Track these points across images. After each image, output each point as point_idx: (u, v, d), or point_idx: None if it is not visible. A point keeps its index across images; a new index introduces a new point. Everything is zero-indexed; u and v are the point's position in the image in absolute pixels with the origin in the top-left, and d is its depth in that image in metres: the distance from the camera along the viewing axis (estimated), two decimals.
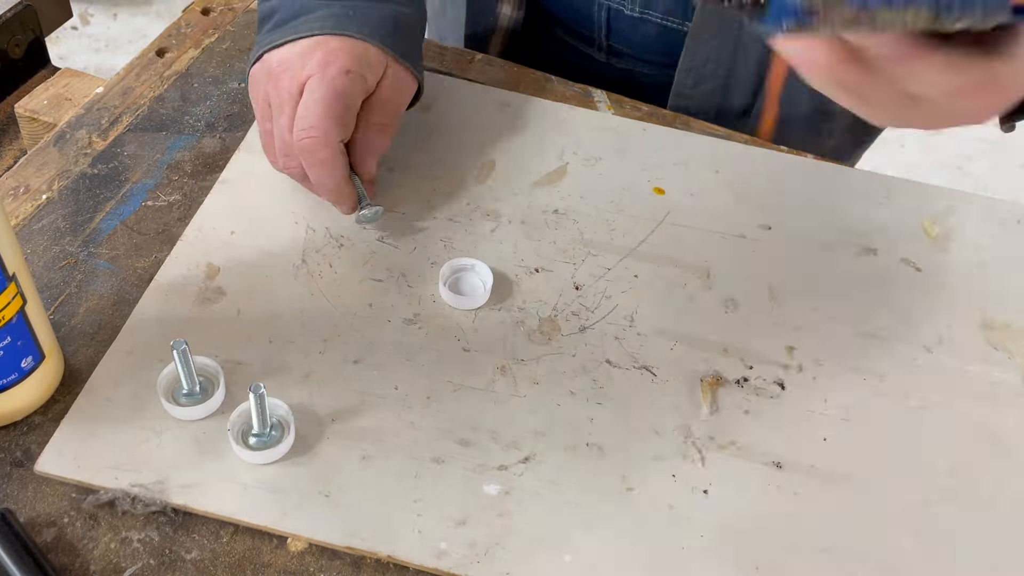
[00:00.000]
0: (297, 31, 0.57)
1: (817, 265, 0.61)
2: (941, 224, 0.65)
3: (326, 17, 0.57)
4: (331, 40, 0.56)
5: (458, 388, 0.52)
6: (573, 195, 0.64)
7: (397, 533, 0.46)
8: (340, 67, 0.55)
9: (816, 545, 0.48)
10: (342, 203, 0.57)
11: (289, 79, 0.55)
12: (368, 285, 0.57)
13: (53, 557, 0.45)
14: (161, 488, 0.47)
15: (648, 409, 0.53)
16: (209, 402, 0.49)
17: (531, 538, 0.47)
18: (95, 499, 0.46)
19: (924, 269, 0.62)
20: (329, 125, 0.54)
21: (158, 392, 0.49)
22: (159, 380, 0.50)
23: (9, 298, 0.45)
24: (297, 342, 0.53)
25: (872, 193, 0.66)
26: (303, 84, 0.55)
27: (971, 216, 0.66)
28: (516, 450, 0.50)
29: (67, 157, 0.62)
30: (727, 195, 0.65)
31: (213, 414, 0.50)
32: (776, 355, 0.56)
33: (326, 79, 0.54)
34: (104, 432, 0.48)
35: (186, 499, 0.46)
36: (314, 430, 0.50)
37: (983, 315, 0.60)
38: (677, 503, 0.49)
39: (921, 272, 0.62)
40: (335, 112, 0.54)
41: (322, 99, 0.54)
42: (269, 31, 0.59)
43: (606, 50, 0.78)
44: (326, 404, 0.51)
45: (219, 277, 0.56)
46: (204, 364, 0.50)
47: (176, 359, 0.48)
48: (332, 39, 0.56)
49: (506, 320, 0.56)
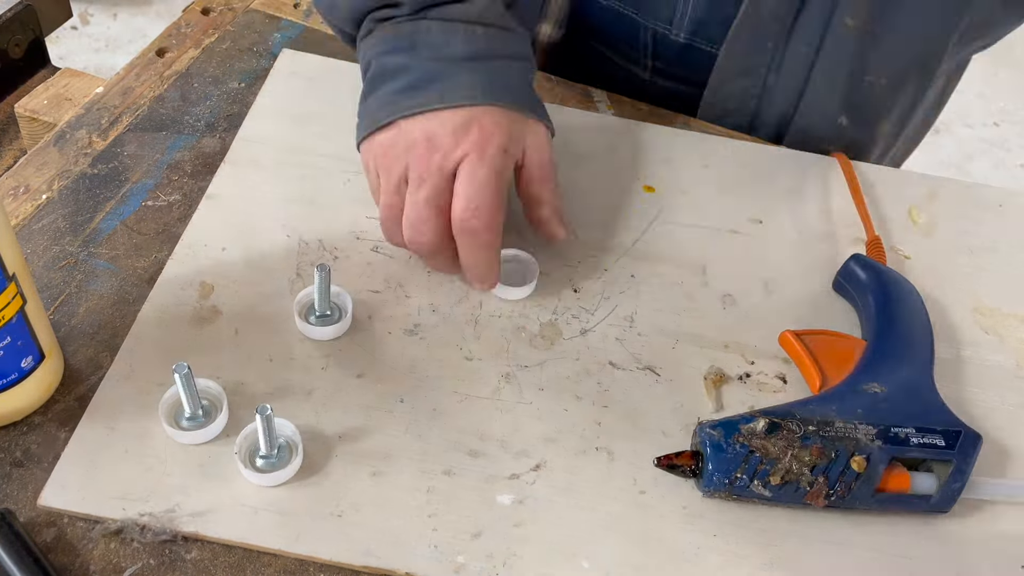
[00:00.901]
0: (443, 100, 0.53)
1: (810, 257, 0.62)
2: (926, 210, 0.66)
3: (474, 85, 0.53)
4: (484, 116, 0.53)
5: (464, 398, 0.52)
6: (565, 196, 0.63)
7: (413, 549, 0.46)
8: (498, 146, 0.53)
9: (830, 539, 0.49)
10: (486, 281, 0.55)
11: (441, 156, 0.52)
12: (366, 296, 0.56)
13: (53, 557, 0.44)
14: (170, 517, 0.46)
15: (654, 410, 0.53)
16: (212, 425, 0.49)
17: (548, 546, 0.47)
18: (103, 528, 0.45)
19: (913, 256, 0.63)
20: (496, 208, 0.52)
21: (160, 417, 0.48)
22: (160, 405, 0.49)
23: (9, 298, 0.44)
24: (298, 359, 0.53)
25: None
26: (457, 163, 0.52)
27: (953, 201, 0.67)
28: (526, 458, 0.50)
29: (67, 157, 0.61)
30: (716, 190, 0.65)
31: (217, 437, 0.49)
32: (776, 349, 0.56)
33: (486, 160, 0.52)
34: (107, 461, 0.47)
35: (196, 527, 0.46)
36: (321, 449, 0.49)
37: (973, 300, 0.61)
38: (690, 503, 0.49)
39: (910, 260, 0.63)
40: (501, 194, 0.53)
41: (488, 182, 0.52)
42: (401, 92, 0.54)
43: (651, 69, 0.77)
44: (332, 421, 0.50)
45: (213, 296, 0.55)
46: (206, 386, 0.50)
47: (178, 383, 0.47)
48: (484, 115, 0.53)
49: (507, 327, 0.56)
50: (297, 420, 0.49)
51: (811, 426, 0.48)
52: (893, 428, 0.48)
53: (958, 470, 0.48)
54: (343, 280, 0.56)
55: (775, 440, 0.47)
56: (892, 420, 0.49)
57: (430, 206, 0.52)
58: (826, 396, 0.51)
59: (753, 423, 0.48)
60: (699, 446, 0.48)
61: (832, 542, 0.49)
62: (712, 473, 0.47)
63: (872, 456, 0.47)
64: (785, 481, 0.47)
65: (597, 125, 0.68)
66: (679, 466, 0.48)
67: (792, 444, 0.47)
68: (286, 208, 0.60)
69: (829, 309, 0.59)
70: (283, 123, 0.65)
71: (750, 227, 0.63)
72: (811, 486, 0.47)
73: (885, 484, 0.48)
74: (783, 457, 0.47)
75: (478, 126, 0.52)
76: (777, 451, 0.47)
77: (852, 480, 0.47)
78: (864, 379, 0.51)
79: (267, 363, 0.52)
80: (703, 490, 0.49)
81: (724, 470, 0.47)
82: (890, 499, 0.48)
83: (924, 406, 0.50)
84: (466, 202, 0.52)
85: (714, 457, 0.47)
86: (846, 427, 0.48)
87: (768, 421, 0.48)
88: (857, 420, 0.49)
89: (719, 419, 0.49)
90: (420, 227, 0.53)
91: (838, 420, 0.48)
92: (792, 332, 0.55)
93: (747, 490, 0.48)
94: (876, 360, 0.53)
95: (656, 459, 0.48)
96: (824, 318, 0.58)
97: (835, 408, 0.49)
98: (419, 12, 0.55)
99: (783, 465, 0.47)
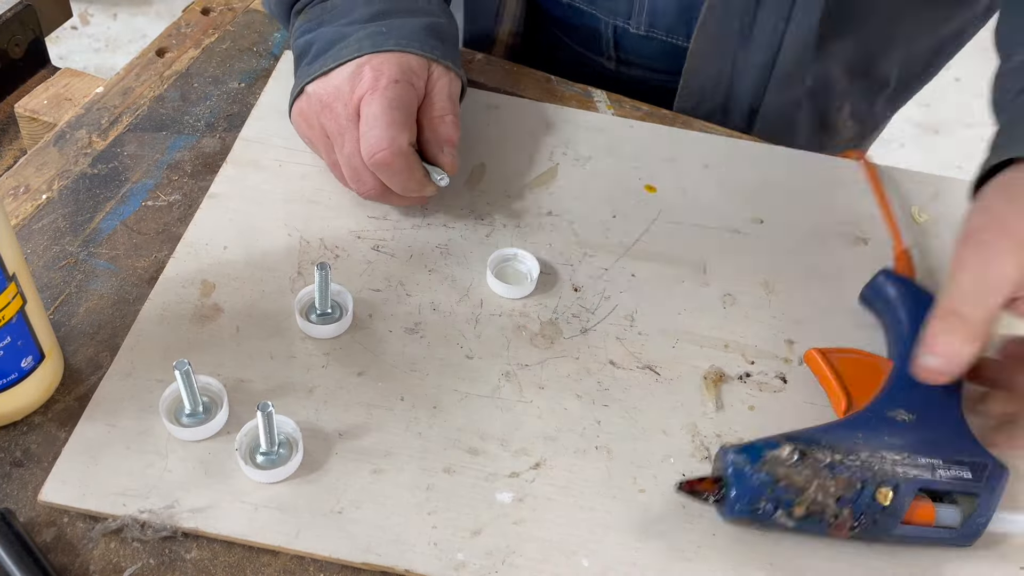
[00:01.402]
0: (338, 57, 0.57)
1: (810, 257, 0.62)
2: (928, 210, 0.66)
3: (362, 39, 0.58)
4: (372, 59, 0.57)
5: (464, 396, 0.52)
6: (566, 196, 0.63)
7: (413, 547, 0.46)
8: (388, 79, 0.56)
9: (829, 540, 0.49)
10: (423, 193, 0.58)
11: (343, 105, 0.56)
12: (366, 295, 0.56)
13: (53, 557, 0.45)
14: (170, 513, 0.46)
15: (654, 409, 0.53)
16: (213, 422, 0.49)
17: (547, 545, 0.47)
18: (103, 527, 0.45)
19: (916, 257, 0.63)
20: (394, 133, 0.55)
21: (160, 414, 0.48)
22: (161, 402, 0.49)
23: (9, 298, 0.44)
24: (299, 357, 0.53)
25: (859, 182, 0.67)
26: (357, 106, 0.56)
27: (956, 201, 0.67)
28: (526, 456, 0.50)
29: (67, 157, 0.62)
30: (718, 190, 0.65)
31: (218, 434, 0.49)
32: (776, 349, 0.56)
33: (377, 94, 0.55)
34: (107, 458, 0.47)
35: (197, 523, 0.46)
36: (322, 446, 0.49)
37: None
38: (689, 502, 0.49)
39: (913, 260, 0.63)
40: (396, 121, 0.55)
41: (381, 113, 0.55)
42: (308, 64, 0.59)
43: (615, 59, 0.80)
44: (332, 418, 0.50)
45: (215, 294, 0.55)
46: (206, 383, 0.50)
47: (179, 379, 0.47)
48: (373, 57, 0.57)
49: (507, 325, 0.56)
50: (298, 417, 0.49)
51: (837, 454, 0.46)
52: (920, 459, 0.47)
53: (984, 504, 0.47)
54: (344, 278, 0.57)
55: (800, 468, 0.46)
56: (919, 450, 0.47)
57: (357, 157, 0.56)
58: (852, 422, 0.49)
59: (778, 450, 0.46)
60: (721, 472, 0.47)
61: (831, 543, 0.48)
62: (735, 501, 0.46)
63: (898, 488, 0.46)
64: (810, 512, 0.46)
65: (597, 125, 0.69)
66: (701, 492, 0.47)
67: (818, 473, 0.46)
68: (287, 207, 0.60)
69: (829, 309, 0.59)
70: (284, 123, 0.65)
71: (751, 227, 0.63)
72: (836, 518, 0.46)
73: (910, 516, 0.47)
74: (808, 487, 0.46)
75: (368, 68, 0.56)
76: (803, 480, 0.46)
77: (877, 512, 0.46)
78: (891, 404, 0.50)
79: (268, 361, 0.52)
80: (725, 517, 0.47)
81: (748, 499, 0.46)
82: (912, 531, 0.47)
83: (951, 435, 0.48)
84: (367, 141, 0.55)
85: (738, 484, 0.46)
86: (872, 457, 0.47)
87: (794, 448, 0.46)
88: (884, 449, 0.47)
89: (743, 443, 0.47)
90: (359, 179, 0.57)
91: (864, 449, 0.47)
92: (818, 351, 0.54)
93: (770, 520, 0.46)
94: (904, 385, 0.50)
95: (678, 484, 0.46)
96: (824, 317, 0.58)
97: (861, 435, 0.48)
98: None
99: (808, 495, 0.46)
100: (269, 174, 0.62)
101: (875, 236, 0.63)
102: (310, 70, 0.58)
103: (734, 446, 0.47)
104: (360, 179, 0.57)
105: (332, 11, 0.60)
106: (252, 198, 0.60)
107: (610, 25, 0.77)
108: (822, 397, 0.54)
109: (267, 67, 0.70)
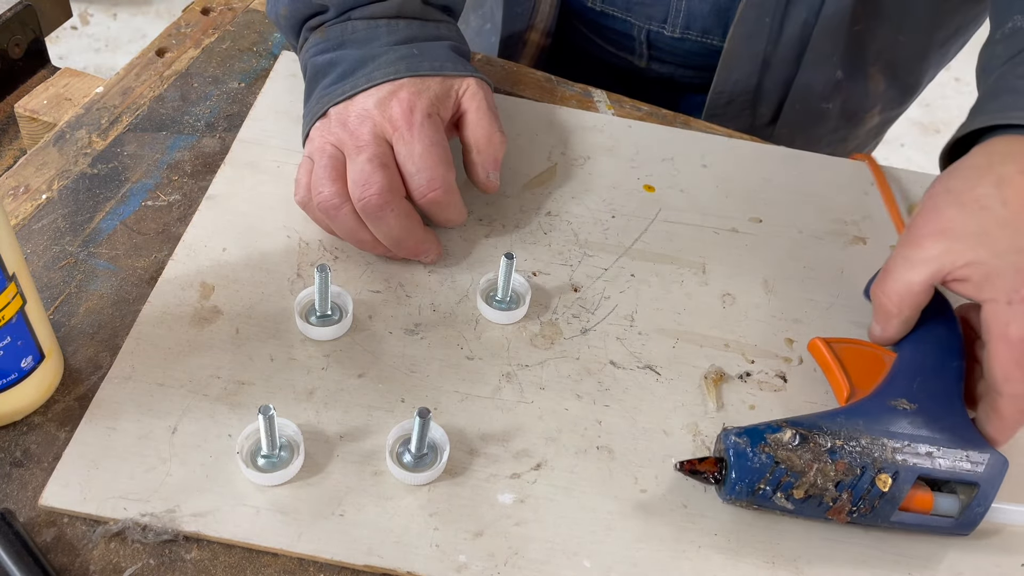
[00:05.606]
0: (371, 79, 0.56)
1: (809, 256, 0.62)
2: None
3: (396, 60, 0.57)
4: (404, 88, 0.56)
5: (465, 397, 0.52)
6: (564, 196, 0.63)
7: (415, 549, 0.46)
8: (423, 113, 0.55)
9: (830, 536, 0.49)
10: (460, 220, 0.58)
11: (372, 126, 0.55)
12: (366, 296, 0.56)
13: (53, 557, 0.44)
14: (172, 517, 0.46)
15: (655, 409, 0.53)
16: (291, 466, 0.47)
17: (549, 545, 0.47)
18: (105, 530, 0.45)
19: None
20: (445, 171, 0.55)
21: (237, 457, 0.47)
22: (240, 440, 0.48)
23: (9, 298, 0.44)
24: (299, 359, 0.53)
25: (858, 182, 0.67)
26: (389, 134, 0.55)
27: None
28: (527, 457, 0.50)
29: (67, 157, 0.61)
30: (716, 189, 0.65)
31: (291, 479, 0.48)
32: (776, 348, 0.57)
33: (415, 133, 0.55)
34: (108, 462, 0.47)
35: (198, 526, 0.46)
36: (323, 448, 0.49)
37: None
38: (691, 502, 0.49)
39: None
40: (446, 157, 0.55)
41: (427, 153, 0.55)
42: (332, 84, 0.58)
43: (647, 57, 0.81)
44: (333, 420, 0.50)
45: (214, 296, 0.55)
46: (283, 425, 0.49)
47: (261, 424, 0.46)
48: (404, 87, 0.56)
49: (507, 326, 0.56)
50: (298, 420, 0.49)
51: (838, 440, 0.47)
52: (920, 447, 0.47)
53: (982, 493, 0.47)
54: (343, 280, 0.56)
55: (801, 452, 0.46)
56: (919, 438, 0.48)
57: (373, 163, 0.54)
58: (854, 409, 0.50)
59: (780, 433, 0.47)
60: (723, 452, 0.48)
61: (832, 539, 0.49)
62: (735, 482, 0.47)
63: (898, 475, 0.47)
64: (809, 495, 0.46)
65: (596, 125, 0.69)
66: (702, 472, 0.48)
67: (818, 457, 0.46)
68: (286, 209, 0.60)
69: (829, 308, 0.59)
70: (283, 124, 0.65)
71: (750, 226, 0.63)
72: (834, 502, 0.46)
73: (908, 503, 0.47)
74: (808, 470, 0.46)
75: (398, 99, 0.56)
76: (803, 464, 0.46)
77: (876, 498, 0.46)
78: (893, 394, 0.50)
79: (268, 363, 0.52)
80: (724, 498, 0.48)
81: (748, 480, 0.46)
82: (911, 519, 0.48)
83: (952, 425, 0.49)
84: (418, 181, 0.55)
85: (738, 466, 0.47)
86: (873, 443, 0.47)
87: (795, 432, 0.47)
88: (884, 437, 0.48)
89: (745, 426, 0.48)
90: (366, 181, 0.54)
91: (865, 435, 0.47)
92: (822, 340, 0.55)
93: (769, 501, 0.47)
94: (906, 375, 0.51)
95: (678, 463, 0.47)
96: (824, 316, 0.58)
97: (862, 423, 0.48)
98: (344, 14, 0.59)
99: (808, 479, 0.46)
100: (267, 176, 0.62)
101: (874, 235, 0.64)
102: (340, 91, 0.57)
103: (736, 428, 0.48)
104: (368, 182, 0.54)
105: (353, 34, 0.59)
106: (251, 200, 0.60)
107: (643, 29, 0.78)
108: (822, 396, 0.55)
109: (267, 67, 0.70)
